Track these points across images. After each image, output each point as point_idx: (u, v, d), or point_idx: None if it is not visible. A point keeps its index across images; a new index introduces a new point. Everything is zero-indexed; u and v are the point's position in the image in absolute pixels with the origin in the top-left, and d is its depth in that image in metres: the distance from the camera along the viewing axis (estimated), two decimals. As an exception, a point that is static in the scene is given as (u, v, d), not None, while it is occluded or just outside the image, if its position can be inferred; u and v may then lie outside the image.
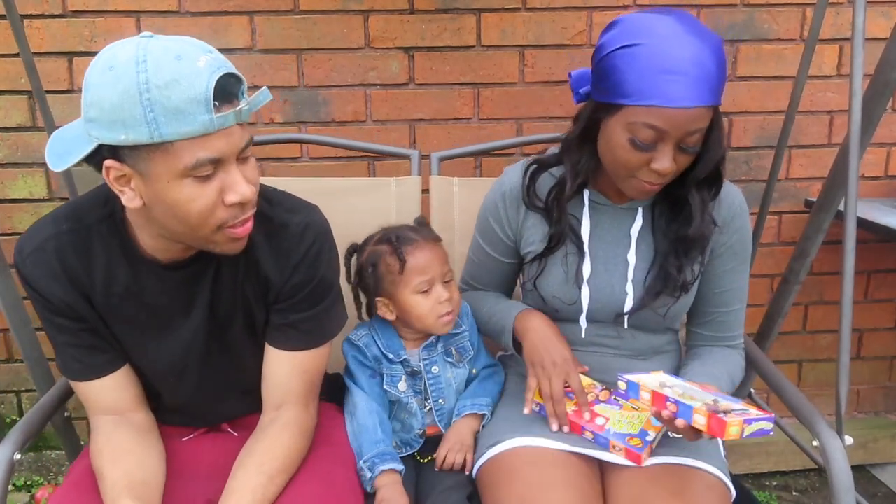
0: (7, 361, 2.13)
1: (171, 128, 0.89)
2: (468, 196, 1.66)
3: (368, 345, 1.36)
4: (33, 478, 2.19)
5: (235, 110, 0.93)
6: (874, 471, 2.37)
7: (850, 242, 1.23)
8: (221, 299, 1.15)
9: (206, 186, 0.95)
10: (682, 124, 1.08)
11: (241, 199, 0.97)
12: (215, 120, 0.90)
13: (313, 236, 1.14)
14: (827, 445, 1.19)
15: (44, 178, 1.98)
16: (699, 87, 1.06)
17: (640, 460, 1.19)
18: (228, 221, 0.99)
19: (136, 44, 0.90)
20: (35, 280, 1.08)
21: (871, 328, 2.32)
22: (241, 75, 0.95)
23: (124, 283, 1.10)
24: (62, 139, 0.99)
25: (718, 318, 1.36)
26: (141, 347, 1.16)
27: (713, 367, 1.31)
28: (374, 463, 1.25)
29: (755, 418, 1.02)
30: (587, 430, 1.24)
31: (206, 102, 0.89)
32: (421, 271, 1.31)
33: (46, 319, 1.12)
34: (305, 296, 1.15)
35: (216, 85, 0.90)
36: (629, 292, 1.29)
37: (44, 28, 1.86)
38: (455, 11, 1.92)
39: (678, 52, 1.06)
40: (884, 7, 2.01)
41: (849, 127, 1.20)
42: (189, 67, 0.89)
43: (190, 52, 0.91)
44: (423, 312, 1.32)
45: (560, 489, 1.16)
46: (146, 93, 0.87)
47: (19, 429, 1.22)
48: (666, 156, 1.12)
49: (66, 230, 1.08)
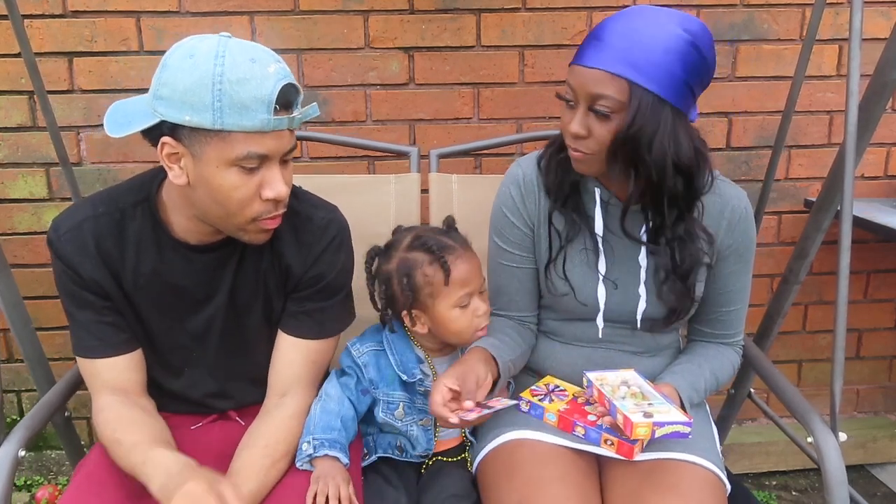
0: (7, 361, 2.13)
1: (233, 119, 0.98)
2: (467, 193, 1.66)
3: (367, 365, 1.29)
4: (33, 478, 2.20)
5: (290, 116, 1.03)
6: (874, 470, 2.37)
7: (846, 240, 1.24)
8: (243, 285, 1.21)
9: (248, 178, 1.04)
10: (583, 82, 1.13)
11: (276, 196, 1.06)
12: (272, 121, 1.00)
13: (335, 231, 1.23)
14: (821, 442, 1.20)
15: (44, 178, 1.98)
16: (608, 52, 1.10)
17: (632, 454, 1.20)
18: (262, 214, 1.08)
19: (216, 40, 1.00)
20: (69, 256, 1.14)
21: (870, 328, 2.32)
22: (299, 87, 1.04)
23: (152, 264, 1.17)
24: (124, 110, 1.08)
25: (720, 317, 1.37)
26: (161, 328, 1.22)
27: (698, 364, 1.33)
28: (323, 445, 1.17)
29: (667, 421, 1.11)
30: (579, 425, 1.25)
31: (268, 104, 0.99)
32: (464, 283, 1.23)
33: (71, 295, 1.16)
34: (323, 286, 1.22)
35: (280, 91, 0.99)
36: (642, 294, 1.30)
37: (44, 28, 1.86)
38: (455, 11, 1.92)
39: (612, 24, 1.13)
40: (883, 7, 2.01)
41: (845, 127, 1.20)
42: (260, 70, 0.99)
43: (263, 57, 1.01)
44: (462, 327, 1.25)
45: (559, 485, 1.17)
46: (218, 84, 0.96)
47: (24, 426, 1.22)
48: (576, 117, 1.16)
49: (102, 213, 1.15)
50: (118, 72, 1.89)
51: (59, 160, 1.58)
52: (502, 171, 1.40)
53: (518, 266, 1.37)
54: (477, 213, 1.42)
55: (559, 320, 1.38)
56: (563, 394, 1.33)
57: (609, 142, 1.14)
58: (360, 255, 1.32)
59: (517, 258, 1.36)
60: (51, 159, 1.96)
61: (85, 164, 1.96)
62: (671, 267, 1.26)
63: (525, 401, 1.31)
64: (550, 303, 1.38)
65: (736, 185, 1.32)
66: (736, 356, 1.40)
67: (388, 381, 1.30)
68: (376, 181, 1.69)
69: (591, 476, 1.24)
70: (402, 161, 1.72)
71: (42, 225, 2.01)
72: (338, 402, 1.26)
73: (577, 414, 1.27)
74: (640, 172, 1.15)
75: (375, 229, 1.32)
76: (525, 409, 1.31)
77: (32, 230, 2.01)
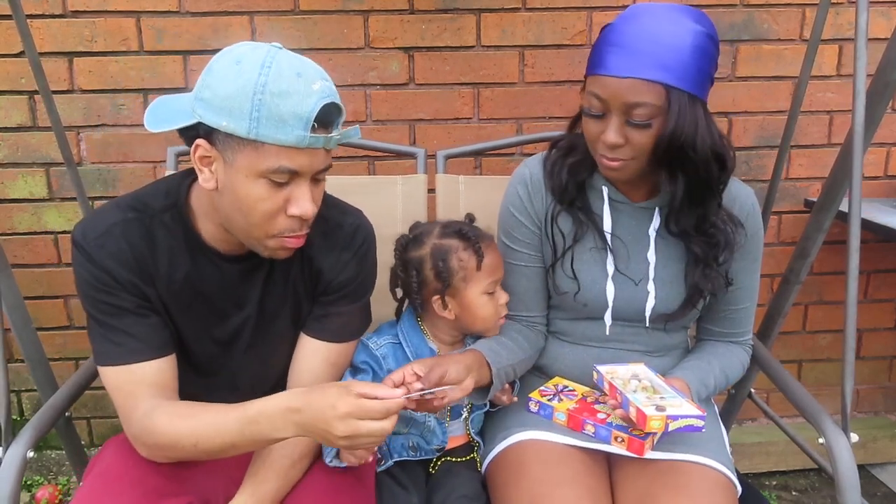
0: (8, 361, 2.12)
1: (268, 131, 0.96)
2: (473, 194, 1.66)
3: (386, 356, 1.31)
4: (33, 478, 2.20)
5: (327, 136, 1.01)
6: (874, 471, 2.37)
7: (855, 241, 1.23)
8: (273, 294, 1.20)
9: (276, 192, 1.02)
10: (618, 93, 1.11)
11: (301, 214, 1.04)
12: (308, 138, 0.98)
13: (363, 236, 1.23)
14: (833, 443, 1.19)
15: (44, 178, 1.98)
16: (638, 59, 1.09)
17: (643, 450, 1.20)
18: (285, 231, 1.06)
19: (266, 50, 0.99)
20: (102, 260, 1.08)
21: (870, 328, 2.32)
22: (343, 107, 1.03)
23: (185, 271, 1.14)
24: (167, 106, 1.07)
25: (729, 316, 1.38)
26: (188, 335, 1.19)
27: (708, 361, 1.34)
28: None
29: (681, 415, 1.11)
30: (589, 423, 1.25)
31: (306, 121, 0.97)
32: (493, 271, 1.29)
33: (105, 303, 1.09)
34: (350, 291, 1.22)
35: (321, 110, 0.98)
36: (650, 291, 1.30)
37: (44, 28, 1.85)
38: (455, 11, 1.92)
39: (631, 28, 1.11)
40: (884, 7, 2.01)
41: (851, 127, 1.20)
42: (304, 86, 0.97)
43: (310, 73, 0.99)
44: (489, 313, 1.30)
45: (568, 486, 1.17)
46: (260, 94, 0.95)
47: (32, 427, 1.22)
48: (611, 127, 1.14)
49: (132, 217, 1.12)
50: (118, 72, 1.89)
51: (64, 160, 1.58)
52: (502, 172, 1.41)
53: (527, 265, 1.37)
54: (483, 214, 1.43)
55: (567, 320, 1.39)
56: (573, 394, 1.33)
57: (650, 147, 1.14)
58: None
59: (525, 257, 1.37)
60: (51, 159, 1.96)
61: (85, 164, 1.96)
62: (708, 254, 1.26)
63: (534, 401, 1.31)
64: (558, 302, 1.38)
65: (743, 184, 1.33)
66: (745, 355, 1.41)
67: None
68: (383, 182, 1.68)
69: (601, 476, 1.24)
70: (402, 162, 1.72)
71: (42, 225, 2.01)
72: None
73: (587, 412, 1.27)
74: (686, 171, 1.17)
75: (382, 230, 1.31)
76: (534, 409, 1.31)
77: (32, 230, 2.01)
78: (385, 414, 0.98)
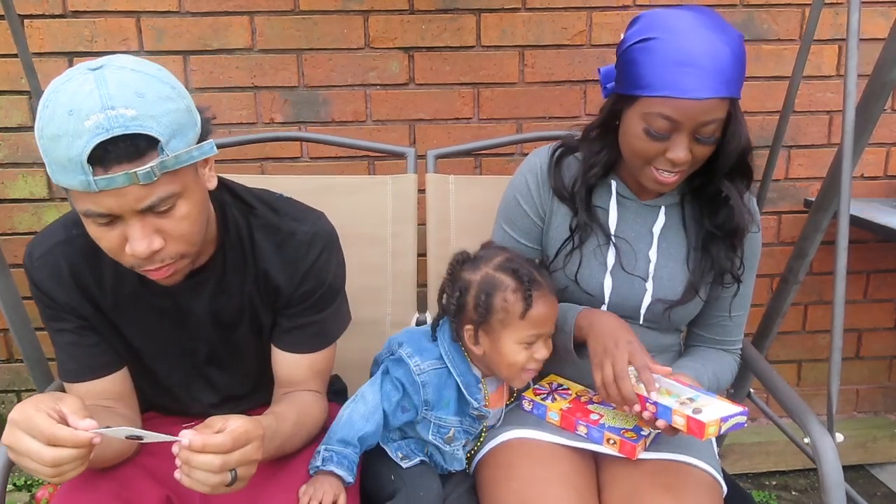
0: (7, 361, 2.13)
1: (59, 177, 0.89)
2: (464, 194, 1.66)
3: (426, 385, 1.21)
4: (33, 478, 2.20)
5: (129, 173, 0.87)
6: (873, 470, 2.37)
7: (843, 241, 1.25)
8: (226, 305, 1.17)
9: (107, 231, 0.94)
10: (694, 115, 1.11)
11: (133, 254, 0.94)
12: (95, 182, 0.86)
13: (321, 245, 1.16)
14: (818, 443, 1.20)
15: (44, 178, 1.98)
16: (711, 78, 1.09)
17: (634, 453, 1.20)
18: (138, 267, 0.99)
19: (62, 81, 0.89)
20: (41, 281, 1.11)
21: (870, 328, 2.32)
22: (152, 135, 0.87)
23: (132, 285, 1.12)
24: None
25: (721, 323, 1.38)
26: (146, 344, 1.18)
27: (702, 363, 1.34)
28: (331, 460, 1.15)
29: (730, 415, 1.08)
30: (581, 424, 1.24)
31: (80, 164, 0.85)
32: (538, 324, 1.18)
33: (49, 319, 1.14)
34: (314, 302, 1.18)
35: (100, 147, 0.85)
36: (648, 288, 1.30)
37: (44, 28, 1.86)
38: (455, 11, 1.93)
39: (691, 45, 1.10)
40: (882, 7, 2.01)
41: (843, 127, 1.21)
42: (74, 126, 0.85)
43: (87, 107, 0.85)
44: (516, 363, 1.19)
45: (556, 485, 1.17)
46: (41, 139, 0.88)
47: None
48: (680, 146, 1.15)
49: (76, 235, 1.09)
50: (118, 72, 1.89)
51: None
52: (502, 172, 1.40)
53: (524, 248, 1.37)
54: (474, 214, 1.41)
55: None
56: (567, 392, 1.33)
57: (708, 156, 1.18)
58: (353, 255, 1.27)
59: (523, 248, 1.37)
60: (51, 159, 1.96)
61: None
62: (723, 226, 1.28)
63: (528, 400, 1.31)
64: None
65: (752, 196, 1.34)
66: (735, 364, 1.42)
67: (443, 403, 1.24)
68: (373, 182, 1.69)
69: (589, 476, 1.24)
70: (402, 162, 1.72)
71: (42, 225, 2.01)
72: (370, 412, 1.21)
73: (580, 413, 1.26)
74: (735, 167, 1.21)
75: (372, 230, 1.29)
76: (528, 408, 1.31)
77: (32, 230, 2.01)
78: (50, 441, 0.83)
